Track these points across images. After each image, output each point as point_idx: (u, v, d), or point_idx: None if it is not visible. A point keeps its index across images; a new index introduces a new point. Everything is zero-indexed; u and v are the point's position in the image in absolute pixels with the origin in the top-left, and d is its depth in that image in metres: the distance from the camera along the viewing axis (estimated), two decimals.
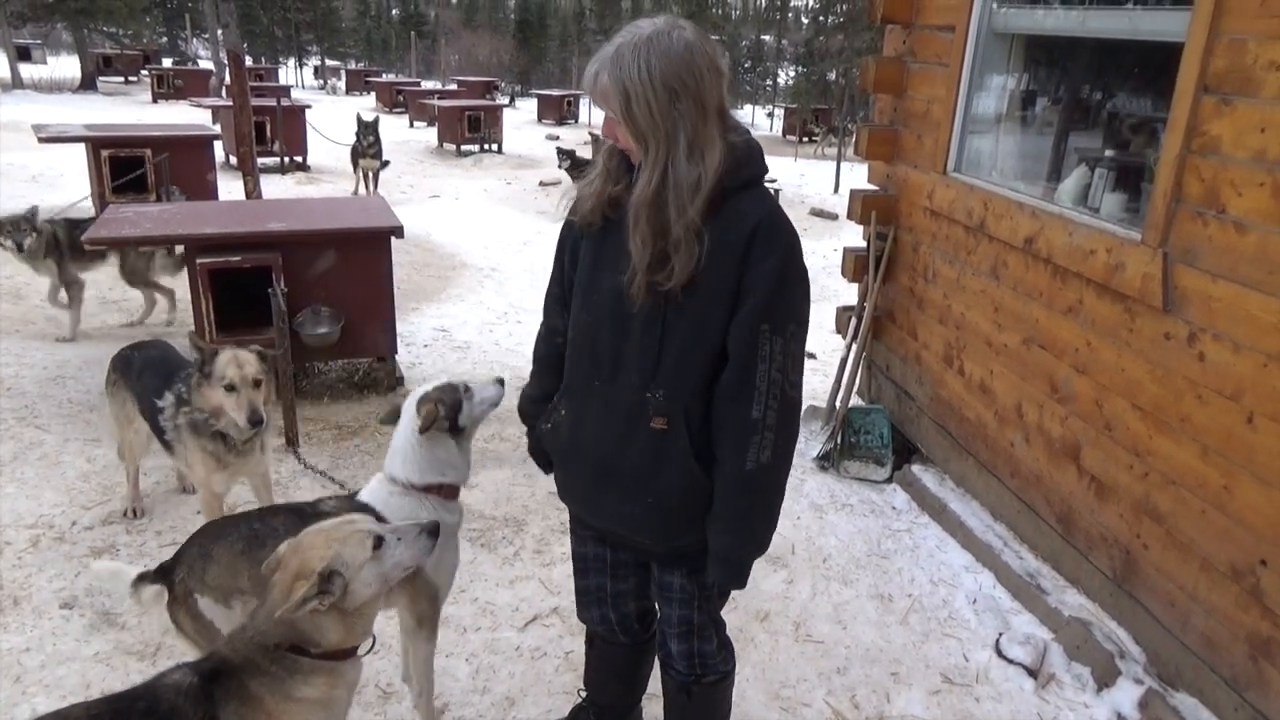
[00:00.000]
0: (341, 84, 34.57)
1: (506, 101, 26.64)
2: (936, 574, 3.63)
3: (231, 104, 8.92)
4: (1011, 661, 3.08)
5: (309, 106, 14.16)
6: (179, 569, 2.36)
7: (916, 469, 4.38)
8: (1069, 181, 3.66)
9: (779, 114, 28.80)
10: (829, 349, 6.46)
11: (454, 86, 28.47)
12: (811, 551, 3.72)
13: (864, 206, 4.82)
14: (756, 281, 1.67)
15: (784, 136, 24.97)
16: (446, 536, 2.40)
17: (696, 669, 2.14)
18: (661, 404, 1.79)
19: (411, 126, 20.80)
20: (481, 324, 6.64)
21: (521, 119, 24.75)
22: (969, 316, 4.03)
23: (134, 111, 19.92)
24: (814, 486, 4.30)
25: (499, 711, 2.76)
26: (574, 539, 2.24)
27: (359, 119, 11.65)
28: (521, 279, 8.24)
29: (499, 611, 3.22)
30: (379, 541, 1.98)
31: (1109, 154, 3.61)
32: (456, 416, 2.45)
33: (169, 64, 30.19)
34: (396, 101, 24.72)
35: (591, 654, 2.43)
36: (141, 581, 2.39)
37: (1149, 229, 2.92)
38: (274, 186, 11.59)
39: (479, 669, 2.92)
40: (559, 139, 19.58)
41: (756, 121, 30.06)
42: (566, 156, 11.57)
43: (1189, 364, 2.79)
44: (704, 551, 1.88)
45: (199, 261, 4.56)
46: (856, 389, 4.94)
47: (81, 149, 8.55)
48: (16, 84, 24.64)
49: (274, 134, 13.02)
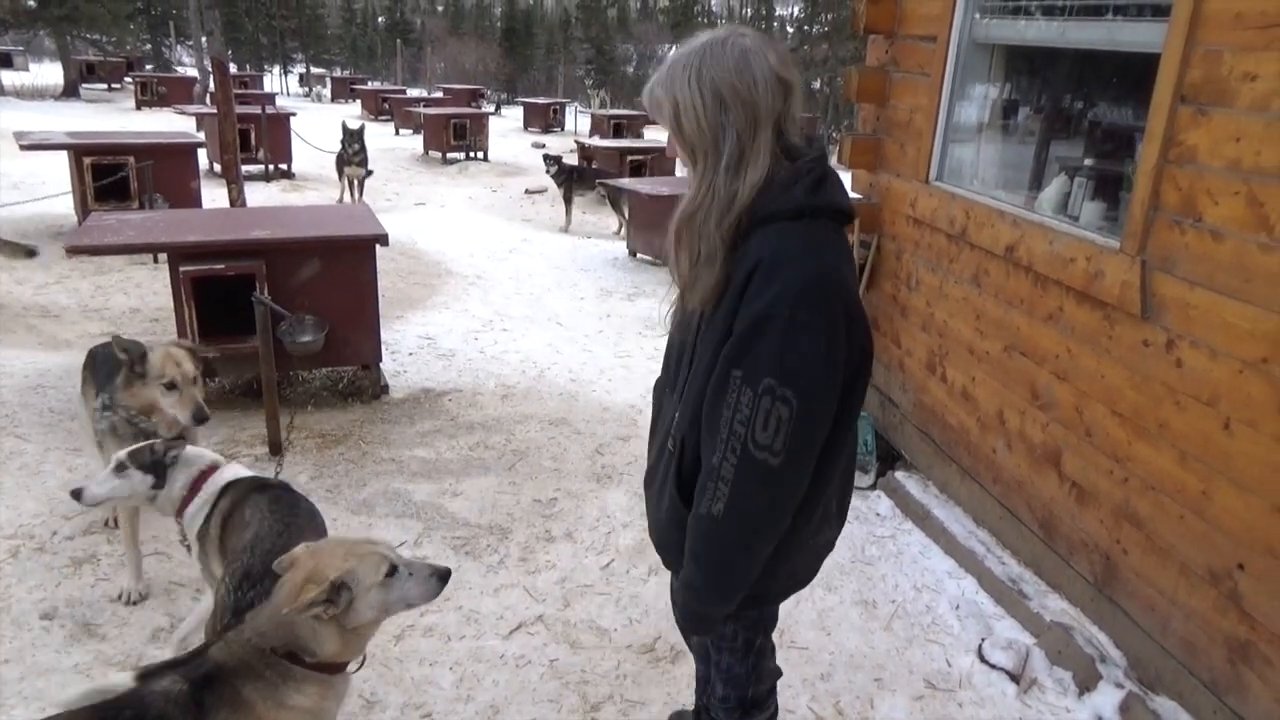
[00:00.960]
0: (327, 91, 34.50)
1: (492, 109, 26.66)
2: (920, 580, 3.65)
3: (216, 111, 8.91)
4: (994, 666, 3.10)
5: (294, 114, 14.13)
6: None
7: (900, 475, 4.40)
8: (1049, 190, 3.69)
9: None
10: None
11: (440, 94, 28.45)
12: None
13: None
14: (740, 324, 1.54)
15: None
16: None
17: (704, 701, 2.18)
18: (675, 425, 1.76)
19: (397, 134, 20.78)
20: (466, 332, 6.64)
21: (507, 127, 24.76)
22: (951, 324, 4.06)
23: (117, 119, 19.81)
24: None
25: None
26: None
27: (344, 127, 11.63)
28: (506, 286, 8.24)
29: (483, 620, 3.21)
30: (393, 570, 2.03)
31: (1088, 163, 3.65)
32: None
33: (152, 70, 30.07)
34: (382, 109, 24.68)
35: None
36: None
37: (1127, 237, 2.96)
38: (258, 194, 11.56)
39: (463, 678, 2.91)
40: (545, 147, 19.58)
41: None
42: (554, 163, 11.58)
43: (1167, 370, 2.82)
44: None
45: (182, 269, 4.54)
46: None
47: (64, 156, 8.51)
48: None
49: (259, 141, 12.98)
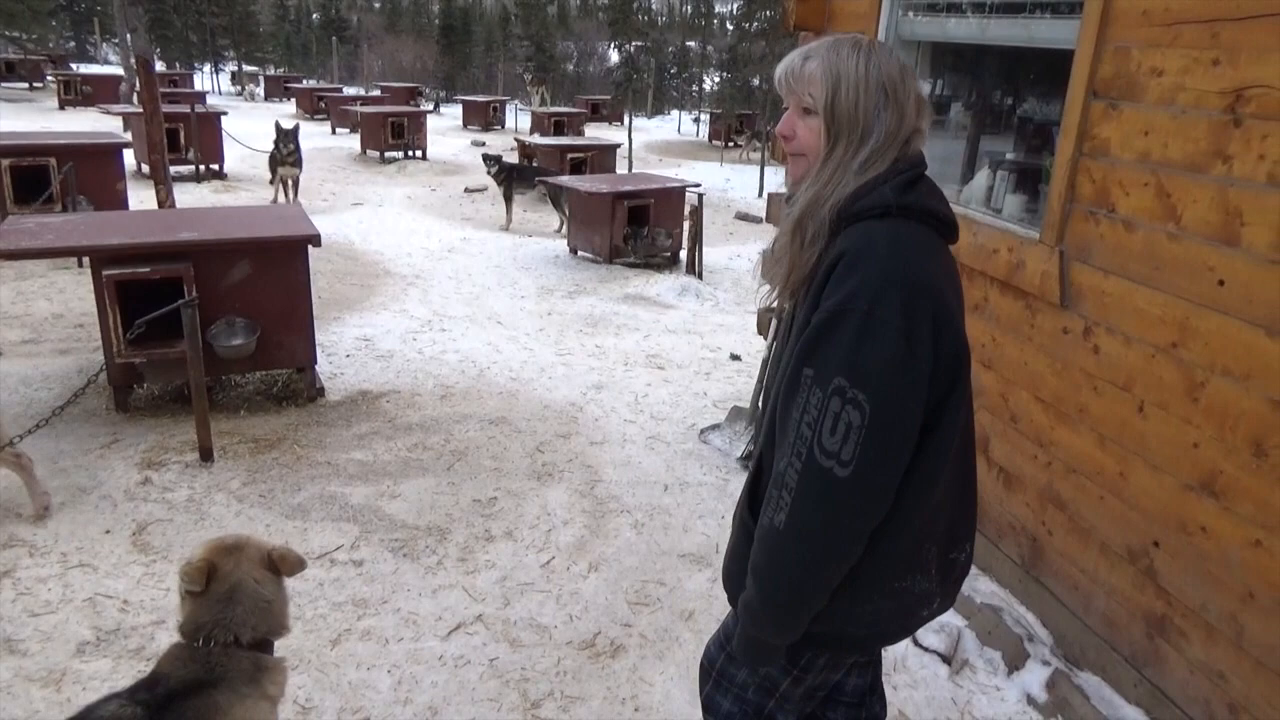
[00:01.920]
0: (260, 90, 33.75)
1: (431, 107, 26.38)
2: None
3: (142, 111, 8.68)
4: (927, 649, 3.17)
5: (225, 113, 13.80)
6: None
7: None
8: (974, 183, 3.78)
9: (704, 119, 29.07)
10: (755, 350, 6.55)
11: (377, 93, 28.06)
12: None
13: (780, 209, 4.90)
14: (815, 317, 1.43)
15: (709, 141, 25.20)
16: None
17: None
18: (761, 441, 1.64)
19: (334, 133, 20.43)
20: (405, 332, 6.56)
21: (446, 125, 24.52)
22: None
23: (39, 119, 19.16)
24: (738, 486, 4.35)
25: None
26: None
27: (278, 126, 11.41)
28: (446, 286, 8.17)
29: (421, 621, 3.18)
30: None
31: (1009, 157, 3.75)
32: None
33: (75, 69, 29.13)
34: (318, 108, 24.25)
35: None
36: None
37: (1046, 228, 3.04)
38: (189, 195, 11.28)
39: (401, 680, 2.88)
40: (485, 145, 19.44)
41: (683, 127, 30.27)
42: (494, 162, 11.50)
43: (1085, 357, 2.91)
44: None
45: (105, 273, 4.42)
46: None
47: None
48: None
49: (188, 141, 12.67)
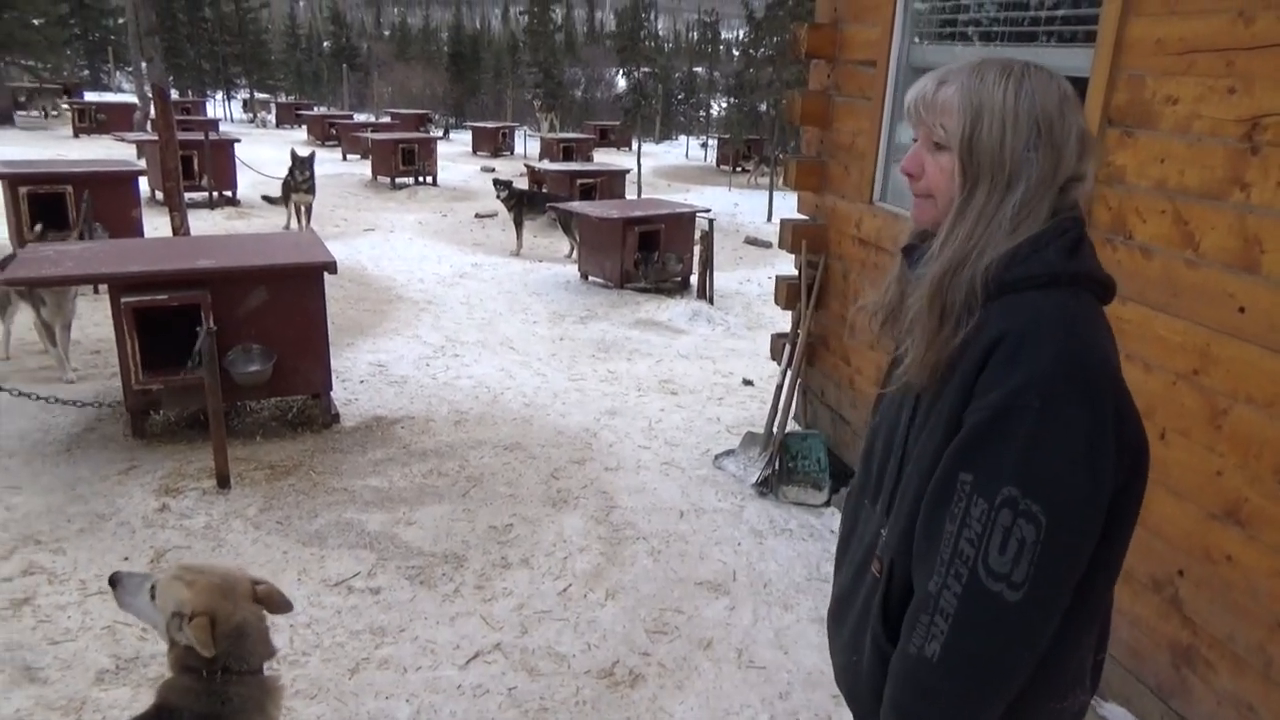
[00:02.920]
0: (272, 117, 34.13)
1: (440, 134, 26.57)
2: None
3: (157, 138, 8.78)
4: None
5: (238, 140, 13.94)
6: None
7: None
8: None
9: (712, 144, 29.23)
10: (767, 375, 6.55)
11: (387, 119, 28.30)
12: (752, 577, 3.75)
13: (794, 235, 4.93)
14: (974, 416, 1.22)
15: (718, 166, 25.32)
16: None
17: None
18: (883, 544, 1.41)
19: (344, 160, 20.59)
20: (418, 358, 6.59)
21: (456, 151, 24.70)
22: None
23: (54, 146, 19.37)
24: (753, 513, 4.34)
25: None
26: None
27: (293, 153, 11.53)
28: (458, 311, 8.20)
29: (439, 650, 3.17)
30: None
31: None
32: None
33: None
34: (329, 135, 24.46)
35: None
36: None
37: None
38: (203, 222, 11.37)
39: (420, 709, 2.87)
40: (494, 171, 19.57)
41: (691, 152, 30.45)
42: (504, 187, 11.57)
43: None
44: None
45: (123, 300, 4.45)
46: (793, 414, 5.02)
47: None
48: None
49: (202, 168, 12.77)
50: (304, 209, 11.66)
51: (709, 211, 9.95)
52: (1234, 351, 2.45)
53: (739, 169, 23.16)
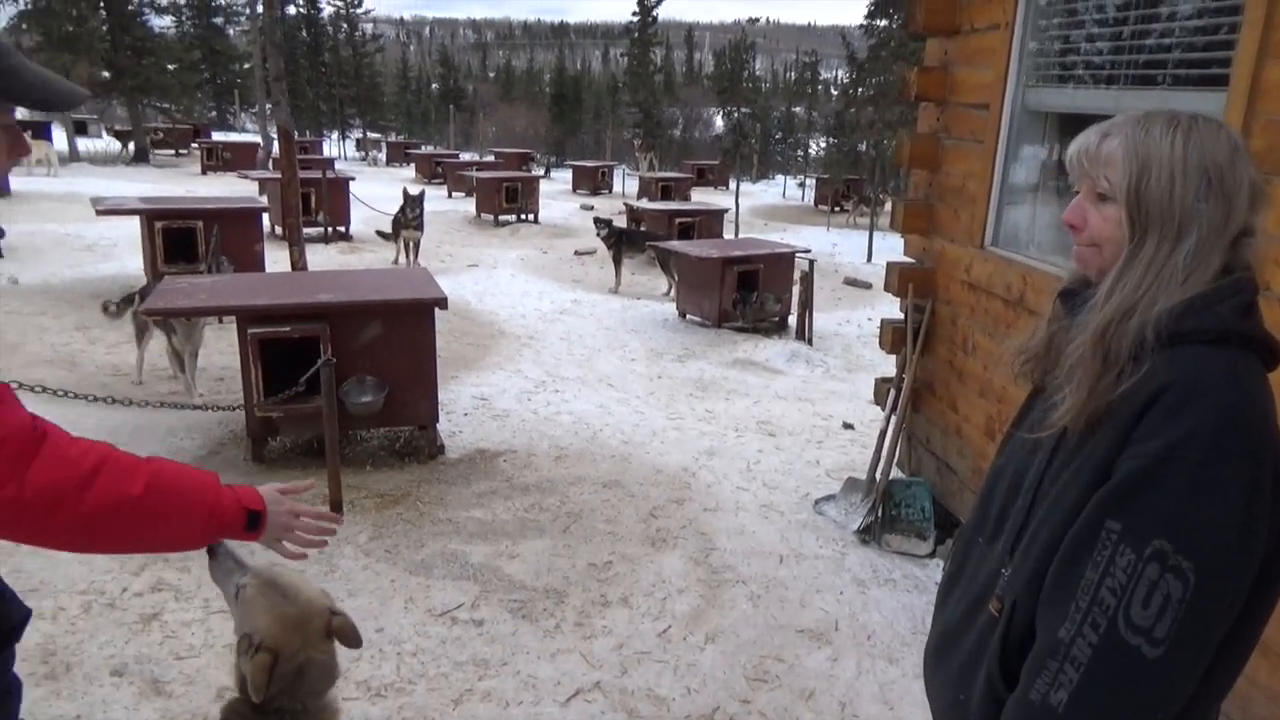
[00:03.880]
0: (382, 156, 35.57)
1: (542, 172, 27.24)
2: None
3: (279, 176, 9.25)
4: None
5: (353, 178, 14.58)
6: None
7: None
8: None
9: (810, 184, 29.15)
10: (868, 419, 6.45)
11: (491, 158, 29.18)
12: (855, 628, 3.67)
13: (901, 279, 4.87)
14: (1128, 463, 1.20)
15: (815, 206, 25.22)
16: None
17: None
18: (1004, 584, 1.39)
19: (450, 197, 21.29)
20: (520, 392, 6.72)
21: (556, 189, 25.25)
22: (1010, 390, 4.03)
23: (184, 183, 20.61)
24: (855, 561, 4.26)
25: None
26: None
27: (405, 192, 11.99)
28: (558, 347, 8.34)
29: (540, 685, 3.20)
30: None
31: None
32: None
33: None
34: (435, 173, 25.34)
35: None
36: None
37: None
38: (318, 256, 11.88)
39: None
40: (594, 209, 19.93)
41: (788, 192, 30.42)
42: (604, 225, 11.78)
43: None
44: None
45: (250, 332, 4.69)
46: (896, 461, 4.92)
47: (135, 220, 8.86)
48: (74, 157, 25.66)
49: (319, 205, 13.39)
50: (413, 245, 12.09)
51: (809, 252, 9.91)
52: None
53: (837, 209, 23.02)
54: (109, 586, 3.65)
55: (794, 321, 9.39)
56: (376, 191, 17.26)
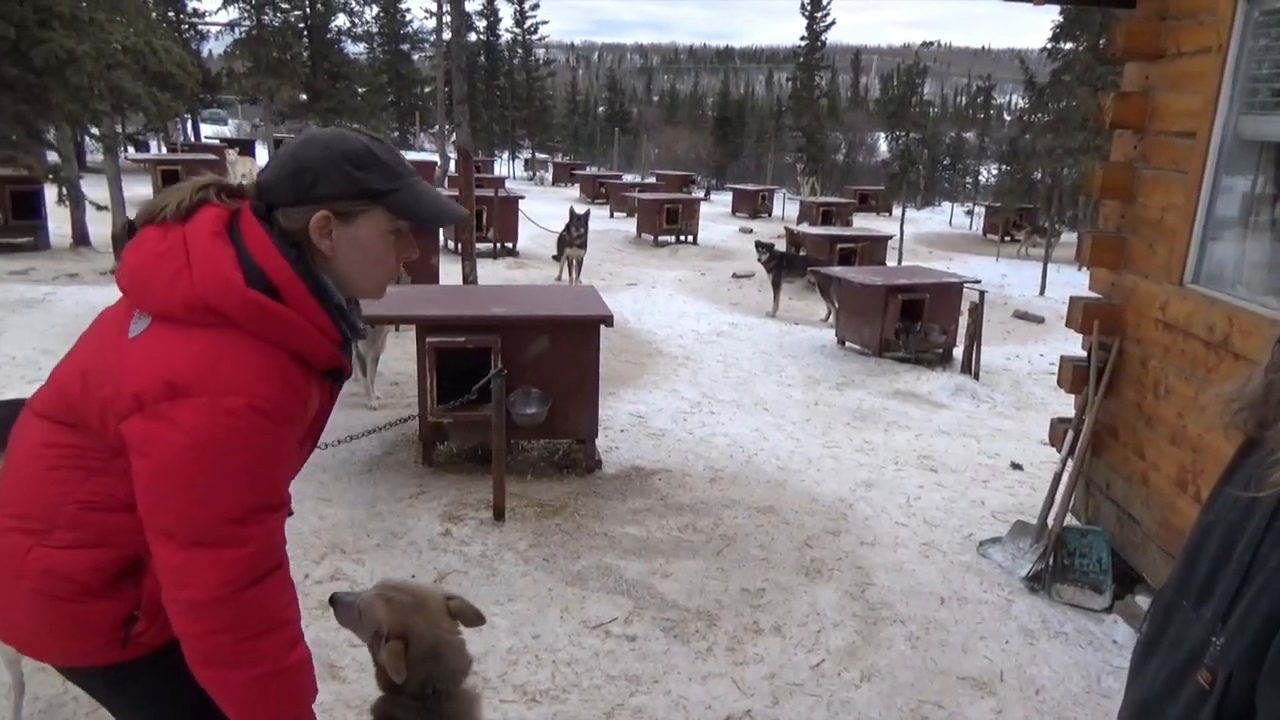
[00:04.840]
0: (549, 175, 36.82)
1: (702, 195, 27.44)
2: None
3: (455, 194, 9.72)
4: None
5: (523, 197, 15.16)
6: None
7: (1141, 600, 4.03)
8: None
9: (979, 212, 28.06)
10: (1038, 460, 6.12)
11: (653, 180, 29.66)
12: (1022, 681, 3.48)
13: (1085, 315, 4.60)
14: None
15: (984, 235, 24.27)
16: None
17: None
18: (1216, 654, 1.30)
19: (612, 217, 21.78)
20: (676, 412, 6.76)
21: (715, 212, 25.38)
22: (1208, 439, 3.72)
23: None
24: (1023, 609, 4.04)
25: None
26: None
27: (572, 211, 12.36)
28: (714, 369, 8.35)
29: (691, 707, 3.19)
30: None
31: None
32: None
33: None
34: (599, 193, 26.01)
35: None
36: None
37: None
38: (486, 270, 12.39)
39: None
40: (753, 232, 19.91)
41: (955, 220, 29.40)
42: (765, 250, 11.75)
43: None
44: None
45: (428, 340, 4.93)
46: (1071, 507, 4.64)
47: None
48: None
49: (489, 222, 13.99)
50: (576, 262, 12.42)
51: (978, 282, 9.53)
52: None
53: (1008, 238, 22.06)
54: (292, 572, 3.90)
55: (959, 354, 9.04)
56: (542, 210, 17.86)
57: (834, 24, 43.90)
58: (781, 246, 13.55)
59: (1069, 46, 20.94)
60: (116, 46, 4.24)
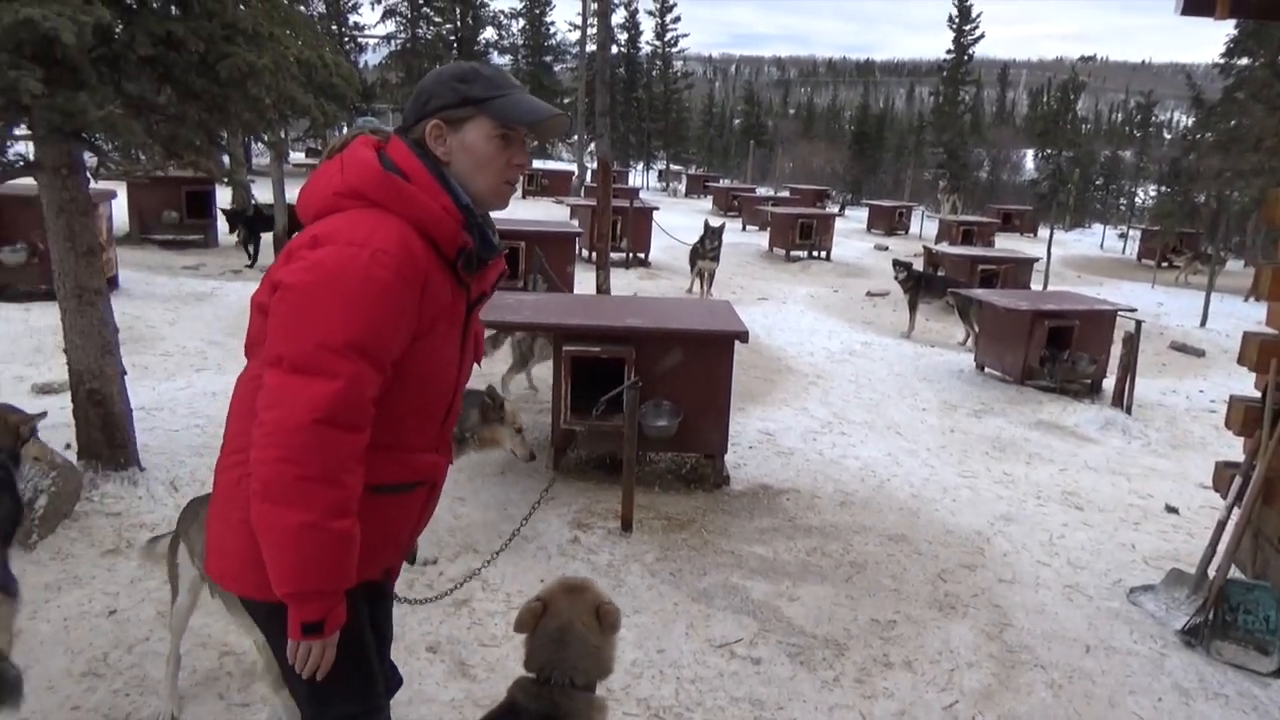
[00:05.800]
0: (682, 187, 37.00)
1: (837, 210, 27.00)
2: None
3: (590, 203, 9.89)
4: None
5: (657, 208, 15.28)
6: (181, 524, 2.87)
7: None
8: None
9: (1134, 235, 26.54)
10: (1196, 504, 5.72)
11: (786, 193, 29.38)
12: None
13: (1261, 353, 4.27)
14: None
15: (1139, 260, 22.93)
16: None
17: None
18: None
19: (744, 230, 21.67)
20: (805, 431, 6.65)
21: (849, 228, 24.91)
22: None
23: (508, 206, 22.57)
24: (1178, 665, 3.77)
25: None
26: None
27: (707, 224, 12.37)
28: (846, 389, 8.18)
29: None
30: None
31: None
32: None
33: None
34: (731, 205, 25.94)
35: None
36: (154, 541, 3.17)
37: None
38: (618, 280, 12.52)
39: None
40: (888, 249, 19.45)
41: (1106, 243, 27.90)
42: (903, 269, 11.43)
43: None
44: None
45: (565, 349, 5.02)
46: (1236, 558, 4.30)
47: None
48: None
49: (624, 232, 14.15)
50: (707, 275, 12.42)
51: (1134, 311, 8.99)
52: None
53: (1165, 264, 20.76)
54: (428, 569, 4.04)
55: (1109, 386, 8.55)
56: (675, 221, 17.96)
57: (983, 37, 42.55)
58: (919, 266, 13.18)
59: (1244, 62, 19.57)
60: (292, 60, 4.48)
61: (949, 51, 42.76)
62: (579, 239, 10.95)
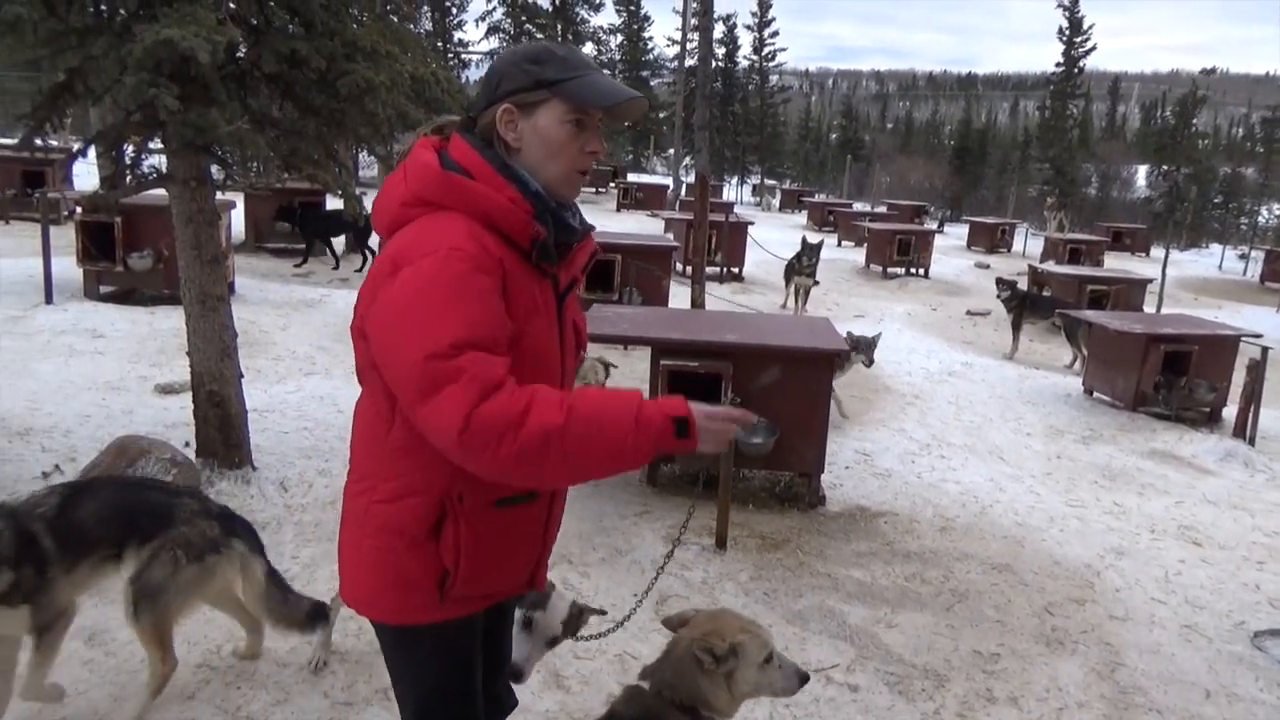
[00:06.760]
0: (776, 201, 36.73)
1: (936, 226, 26.39)
2: None
3: (686, 217, 9.90)
4: None
5: (752, 223, 15.20)
6: None
7: None
8: None
9: (1257, 256, 25.18)
10: None
11: (884, 209, 28.87)
12: None
13: None
14: None
15: (1262, 282, 21.74)
16: None
17: None
18: None
19: (840, 246, 21.37)
20: (903, 453, 6.50)
21: (948, 245, 24.28)
22: None
23: (601, 219, 22.85)
24: None
25: None
26: None
27: (804, 240, 12.25)
28: (945, 410, 7.96)
29: None
30: (769, 657, 2.22)
31: None
32: None
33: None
34: (827, 220, 25.60)
35: None
36: None
37: None
38: (711, 295, 12.51)
39: None
40: (989, 268, 18.91)
41: (1225, 264, 26.54)
42: (1007, 287, 11.10)
43: None
44: None
45: (662, 363, 5.03)
46: None
47: None
48: None
49: (718, 246, 14.12)
50: (803, 292, 12.29)
51: (1260, 337, 8.52)
52: None
53: None
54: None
55: (1230, 415, 8.10)
56: (768, 236, 17.83)
57: (1094, 49, 41.10)
58: (1023, 285, 12.76)
59: None
60: (406, 76, 4.63)
61: (1058, 64, 41.42)
62: (675, 253, 10.96)
